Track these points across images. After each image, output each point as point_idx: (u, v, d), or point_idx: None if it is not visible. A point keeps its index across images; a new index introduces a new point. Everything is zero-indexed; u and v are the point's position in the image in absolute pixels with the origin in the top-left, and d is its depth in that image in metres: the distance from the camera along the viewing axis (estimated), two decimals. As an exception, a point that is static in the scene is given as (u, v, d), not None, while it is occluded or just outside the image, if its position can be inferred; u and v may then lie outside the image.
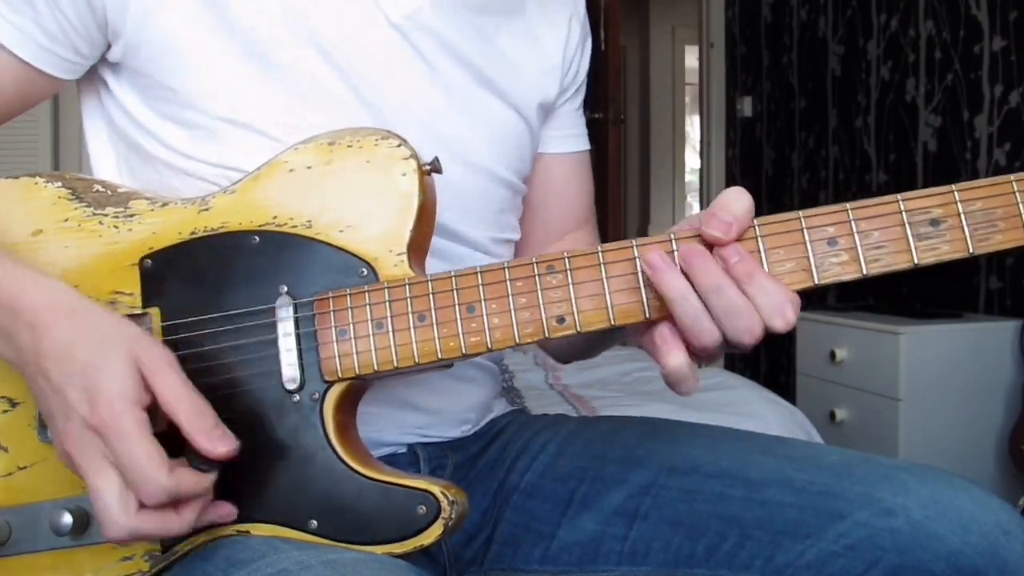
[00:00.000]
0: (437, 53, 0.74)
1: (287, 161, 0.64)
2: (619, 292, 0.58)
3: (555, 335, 0.58)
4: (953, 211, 0.56)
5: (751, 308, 0.54)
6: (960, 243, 0.56)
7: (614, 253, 0.58)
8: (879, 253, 0.56)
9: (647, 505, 0.71)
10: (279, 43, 0.68)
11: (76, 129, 2.92)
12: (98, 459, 0.54)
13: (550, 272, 0.59)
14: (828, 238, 0.57)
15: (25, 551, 0.63)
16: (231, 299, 0.62)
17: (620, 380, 2.01)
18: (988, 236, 0.56)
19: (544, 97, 0.83)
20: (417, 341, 0.60)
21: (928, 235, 0.56)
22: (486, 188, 0.78)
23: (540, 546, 0.74)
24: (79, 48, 0.69)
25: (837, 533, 0.63)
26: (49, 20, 0.67)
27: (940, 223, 0.56)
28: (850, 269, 0.56)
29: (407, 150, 0.63)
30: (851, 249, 0.56)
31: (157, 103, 0.70)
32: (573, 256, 0.59)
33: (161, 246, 0.64)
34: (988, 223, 0.56)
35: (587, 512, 0.73)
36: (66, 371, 0.55)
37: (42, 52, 0.68)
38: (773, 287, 0.54)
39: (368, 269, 0.62)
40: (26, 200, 0.66)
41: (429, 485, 0.59)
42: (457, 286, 0.60)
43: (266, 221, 0.63)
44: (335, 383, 0.61)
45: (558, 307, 0.58)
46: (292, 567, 0.55)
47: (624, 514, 0.72)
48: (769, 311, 0.54)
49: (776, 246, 0.57)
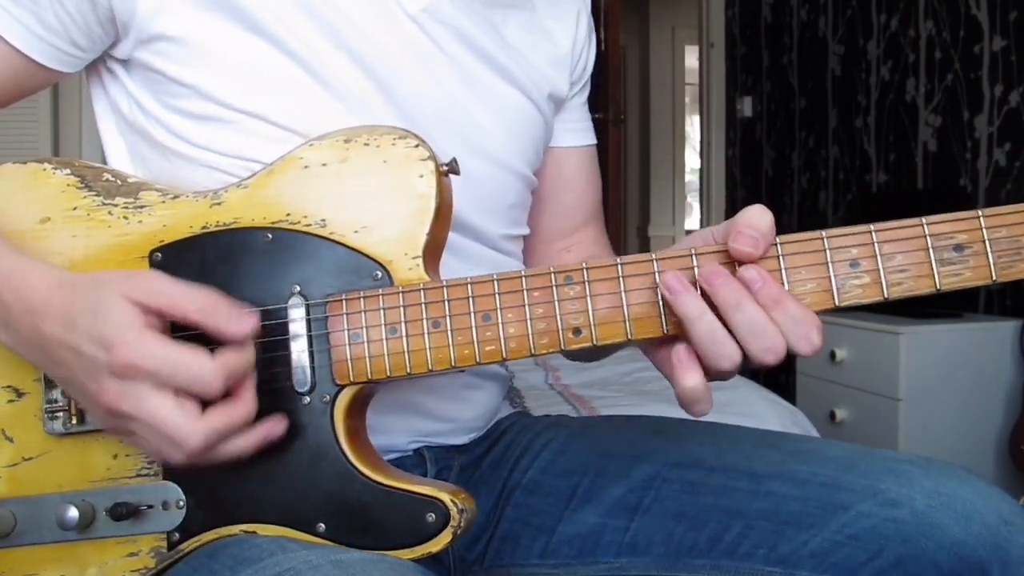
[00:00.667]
0: (454, 44, 0.73)
1: (302, 157, 0.63)
2: (637, 306, 0.57)
3: (571, 347, 0.58)
4: (978, 237, 0.55)
5: (774, 327, 0.54)
6: (983, 270, 0.55)
7: (633, 266, 0.58)
8: (901, 277, 0.56)
9: (649, 498, 0.71)
10: (296, 35, 0.67)
11: (76, 123, 2.88)
12: (141, 392, 0.54)
13: (568, 283, 0.58)
14: (851, 260, 0.56)
15: (29, 543, 0.62)
16: (242, 297, 0.61)
17: (620, 380, 2.01)
18: (1012, 264, 0.55)
19: (555, 89, 0.83)
20: (431, 348, 0.59)
21: (951, 260, 0.55)
22: (502, 180, 0.78)
23: (540, 540, 0.74)
24: (78, 42, 0.68)
25: (841, 523, 0.64)
26: (49, 13, 0.66)
27: (964, 249, 0.55)
28: (871, 292, 0.56)
29: (425, 151, 0.61)
30: (873, 271, 0.56)
31: (170, 98, 0.69)
32: (592, 268, 0.58)
33: (172, 239, 0.63)
34: (1013, 250, 0.55)
35: (588, 505, 0.73)
36: (74, 339, 0.56)
37: (39, 43, 0.67)
38: (799, 312, 0.54)
39: (383, 272, 0.61)
40: (34, 187, 0.65)
41: (439, 493, 0.59)
42: (473, 294, 0.59)
43: (279, 218, 0.62)
44: (347, 386, 0.60)
45: (575, 318, 0.58)
46: (300, 566, 0.55)
47: (626, 507, 0.72)
48: (796, 336, 0.54)
49: (797, 265, 0.56)
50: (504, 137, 0.77)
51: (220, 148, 0.68)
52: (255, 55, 0.67)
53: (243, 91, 0.67)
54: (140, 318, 0.55)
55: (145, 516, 0.61)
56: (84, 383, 0.56)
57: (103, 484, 0.62)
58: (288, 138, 0.66)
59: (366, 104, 0.69)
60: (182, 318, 0.56)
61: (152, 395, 0.54)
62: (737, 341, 0.54)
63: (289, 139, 0.65)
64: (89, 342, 0.55)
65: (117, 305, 0.55)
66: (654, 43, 5.76)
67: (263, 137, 0.67)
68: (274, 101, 0.68)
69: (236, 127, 0.68)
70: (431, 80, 0.72)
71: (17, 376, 0.64)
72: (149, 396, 0.54)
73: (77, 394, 0.59)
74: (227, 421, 0.56)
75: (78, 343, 0.55)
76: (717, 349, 0.54)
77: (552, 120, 0.85)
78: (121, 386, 0.54)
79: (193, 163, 0.69)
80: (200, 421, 0.55)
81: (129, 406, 0.54)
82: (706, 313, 0.54)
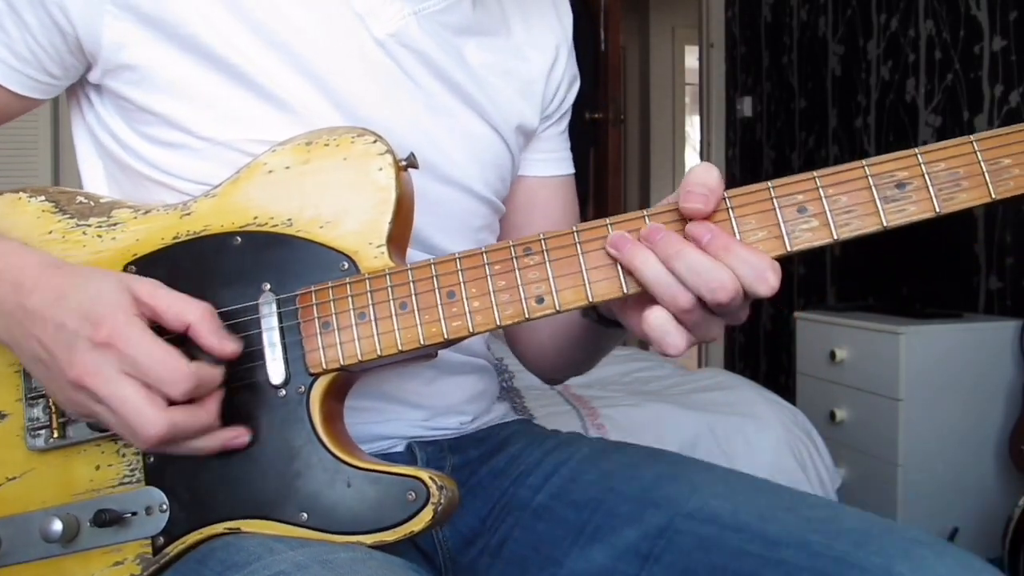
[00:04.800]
0: (420, 70, 0.75)
1: (266, 163, 0.65)
2: (596, 269, 0.59)
3: (535, 315, 0.59)
4: (917, 172, 0.57)
5: (719, 266, 0.55)
6: (926, 203, 0.57)
7: (589, 232, 0.59)
8: (848, 218, 0.57)
9: (660, 548, 0.70)
10: (257, 66, 0.69)
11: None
12: (113, 373, 0.56)
13: (527, 254, 0.60)
14: (798, 205, 0.58)
15: (15, 562, 0.62)
16: (215, 299, 0.62)
17: (620, 380, 2.01)
18: (953, 195, 0.57)
19: (523, 120, 0.83)
20: (399, 329, 0.60)
21: (895, 197, 0.57)
22: (468, 206, 0.79)
23: (547, 570, 0.73)
24: (51, 71, 0.71)
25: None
26: (21, 45, 0.69)
27: (906, 185, 0.57)
28: (821, 235, 0.57)
29: (383, 146, 0.64)
30: (820, 214, 0.57)
31: (140, 125, 0.71)
32: (549, 237, 0.60)
33: (145, 252, 0.65)
34: (952, 183, 0.57)
35: (598, 544, 0.72)
36: (60, 313, 0.57)
37: (14, 75, 0.70)
38: (751, 255, 0.55)
39: (349, 262, 0.62)
40: (10, 215, 0.67)
41: (417, 472, 0.59)
42: (437, 272, 0.60)
43: (247, 222, 0.64)
44: (320, 375, 0.61)
45: (536, 287, 0.59)
46: (289, 568, 0.55)
47: (637, 554, 0.70)
48: (751, 279, 0.55)
49: (747, 214, 0.58)
50: (469, 165, 0.78)
51: (188, 175, 0.70)
52: (218, 87, 0.69)
53: (209, 120, 0.69)
54: (134, 307, 0.57)
55: (129, 523, 0.61)
56: (57, 357, 0.57)
57: (86, 496, 0.63)
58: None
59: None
60: (179, 321, 0.58)
61: (121, 379, 0.55)
62: (686, 286, 0.56)
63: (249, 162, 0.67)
64: (76, 316, 0.57)
65: (116, 290, 0.58)
66: (654, 43, 5.74)
67: (230, 164, 0.68)
68: (239, 130, 0.69)
69: (203, 154, 0.70)
70: (396, 106, 0.73)
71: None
72: (119, 379, 0.55)
73: (45, 374, 0.59)
74: (189, 420, 0.57)
75: (63, 317, 0.57)
76: (669, 291, 0.56)
77: (519, 151, 0.85)
78: (95, 362, 0.55)
79: (163, 188, 0.71)
80: (165, 412, 0.56)
81: (97, 383, 0.55)
82: (649, 258, 0.56)
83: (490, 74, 0.80)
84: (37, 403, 0.64)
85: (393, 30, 0.73)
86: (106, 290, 0.58)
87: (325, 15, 0.71)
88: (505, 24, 0.83)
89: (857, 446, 2.31)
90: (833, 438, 2.21)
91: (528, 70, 0.84)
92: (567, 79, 0.89)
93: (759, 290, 0.55)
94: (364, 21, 0.72)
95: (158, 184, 0.71)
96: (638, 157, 5.86)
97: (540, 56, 0.85)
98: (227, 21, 0.68)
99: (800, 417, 1.79)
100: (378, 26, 0.72)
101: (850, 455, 2.32)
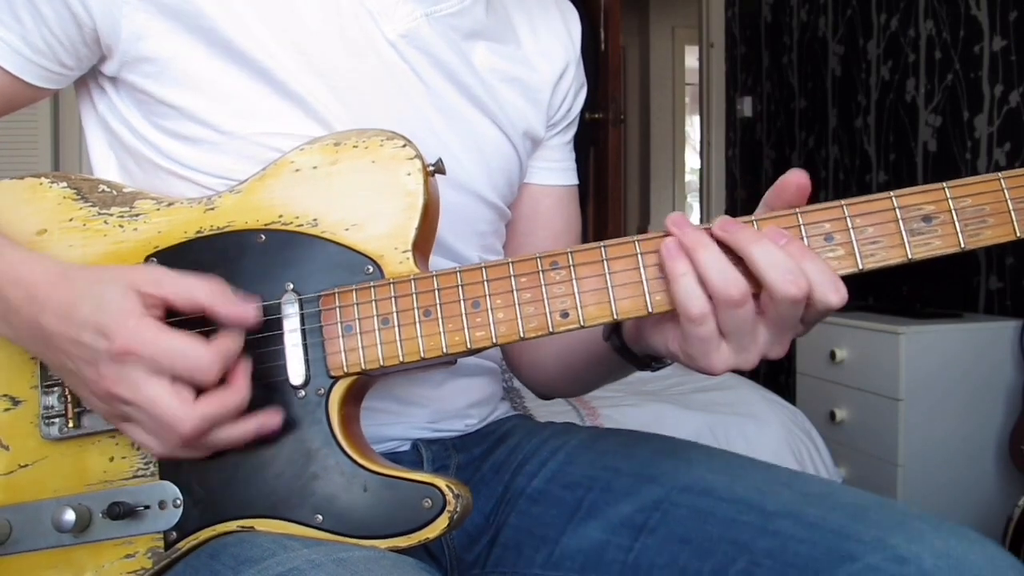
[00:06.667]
0: (431, 72, 0.75)
1: (293, 161, 0.65)
2: (621, 287, 0.59)
3: (559, 329, 0.59)
4: (945, 207, 0.58)
5: (793, 262, 0.55)
6: (952, 238, 0.57)
7: (617, 249, 0.59)
8: (874, 248, 0.58)
9: (656, 520, 0.70)
10: (276, 59, 0.69)
11: (76, 129, 2.91)
12: (140, 376, 0.56)
13: (554, 268, 0.60)
14: (825, 234, 0.58)
15: (25, 550, 0.62)
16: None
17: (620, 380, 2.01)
18: (978, 232, 0.57)
19: (530, 127, 0.84)
20: (422, 336, 0.60)
21: (921, 231, 0.58)
22: (475, 209, 0.79)
23: (543, 551, 0.74)
24: (64, 61, 0.71)
25: (847, 573, 0.62)
26: (35, 35, 0.69)
27: (932, 219, 0.58)
28: (847, 264, 0.58)
29: (412, 150, 0.64)
30: (847, 244, 0.58)
31: (157, 118, 0.71)
32: (576, 252, 0.60)
33: (167, 245, 0.65)
34: (978, 219, 0.57)
35: (593, 520, 0.73)
36: (73, 328, 0.58)
37: (28, 65, 0.70)
38: (824, 265, 0.56)
39: (374, 266, 0.62)
40: (31, 200, 0.67)
41: (434, 479, 0.59)
42: (462, 282, 0.60)
43: (272, 220, 0.64)
44: (340, 379, 0.61)
45: (562, 302, 0.59)
46: (303, 565, 0.55)
47: (631, 526, 0.71)
48: (824, 286, 0.56)
49: (775, 241, 0.58)
50: (477, 168, 0.78)
51: (206, 168, 0.70)
52: (237, 80, 0.69)
53: (227, 114, 0.69)
54: (140, 306, 0.57)
55: (141, 516, 0.61)
56: (83, 371, 0.57)
57: (99, 487, 0.63)
58: (275, 158, 0.66)
59: (343, 127, 0.69)
60: (190, 303, 0.58)
61: (149, 380, 0.56)
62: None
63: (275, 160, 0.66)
64: (89, 331, 0.57)
65: (118, 294, 0.57)
66: (654, 43, 5.74)
67: (247, 158, 0.68)
68: (257, 124, 0.69)
69: (220, 148, 0.69)
70: (406, 106, 0.73)
71: (14, 385, 0.65)
72: (146, 381, 0.56)
73: (76, 382, 0.60)
74: (220, 407, 0.57)
75: (77, 333, 0.57)
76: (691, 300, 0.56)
77: (526, 157, 0.85)
78: (120, 372, 0.56)
79: (180, 180, 0.71)
80: (194, 406, 0.56)
81: (126, 390, 0.56)
82: (766, 243, 0.56)
83: (497, 79, 0.80)
84: (53, 391, 0.64)
85: (404, 31, 0.73)
86: (111, 295, 0.57)
87: (336, 11, 0.71)
88: (513, 32, 0.84)
89: (857, 446, 2.32)
90: (833, 438, 2.22)
91: (535, 79, 0.84)
92: (574, 88, 0.89)
93: (831, 298, 0.56)
94: (376, 20, 0.72)
95: (175, 176, 0.71)
96: (638, 157, 5.86)
97: (548, 66, 0.86)
98: (246, 14, 0.69)
99: (800, 417, 1.80)
100: (390, 26, 0.73)
101: (850, 455, 2.33)
